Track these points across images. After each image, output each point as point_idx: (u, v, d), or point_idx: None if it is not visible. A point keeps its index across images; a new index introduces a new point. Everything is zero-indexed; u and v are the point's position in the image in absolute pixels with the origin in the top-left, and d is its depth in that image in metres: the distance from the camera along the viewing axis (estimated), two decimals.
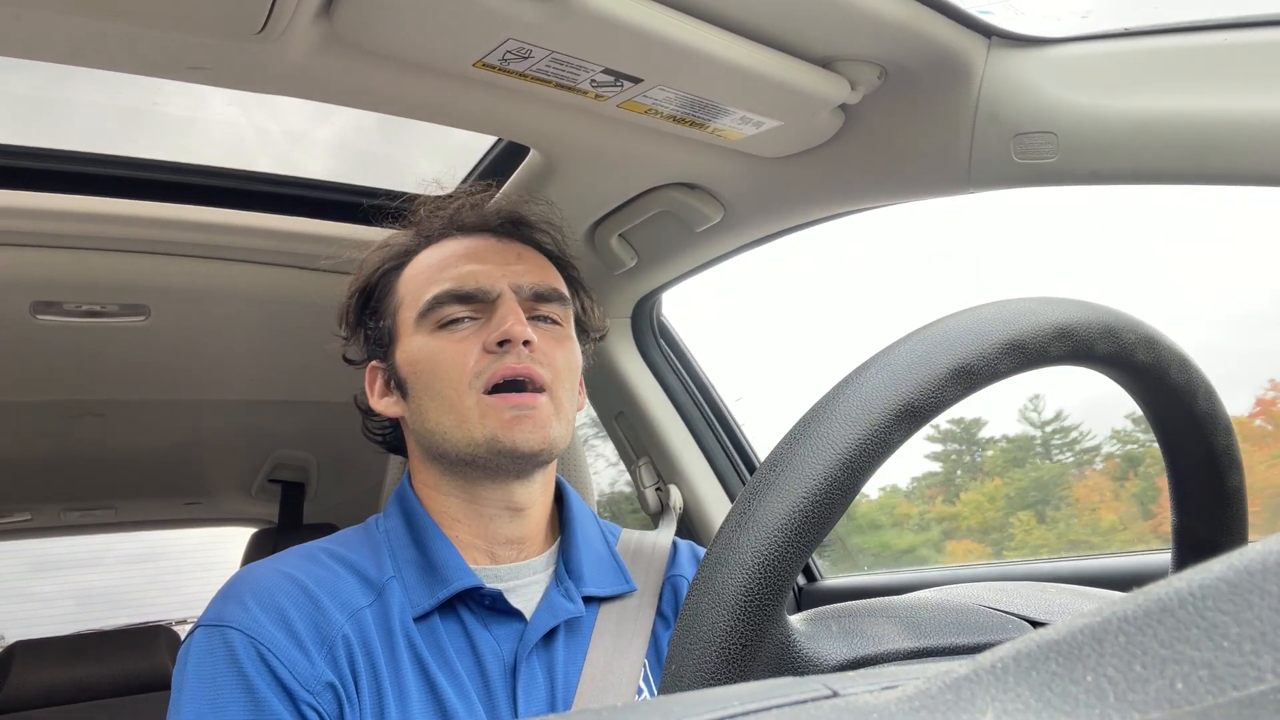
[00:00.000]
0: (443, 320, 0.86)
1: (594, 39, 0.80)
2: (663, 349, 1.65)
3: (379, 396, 0.91)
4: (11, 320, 1.36)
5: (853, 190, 1.13)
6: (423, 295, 0.87)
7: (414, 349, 0.87)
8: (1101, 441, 2.31)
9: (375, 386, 0.92)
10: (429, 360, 0.85)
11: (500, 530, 0.86)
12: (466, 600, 0.82)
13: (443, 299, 0.86)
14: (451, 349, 0.84)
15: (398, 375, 0.88)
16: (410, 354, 0.87)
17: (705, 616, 0.36)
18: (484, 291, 0.87)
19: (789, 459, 0.38)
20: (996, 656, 0.22)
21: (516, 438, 0.81)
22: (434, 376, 0.84)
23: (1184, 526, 0.51)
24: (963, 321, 0.41)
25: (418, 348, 0.86)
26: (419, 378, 0.86)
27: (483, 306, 0.87)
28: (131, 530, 2.96)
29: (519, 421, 0.81)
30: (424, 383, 0.85)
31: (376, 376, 0.92)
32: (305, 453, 2.35)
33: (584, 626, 0.85)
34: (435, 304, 0.86)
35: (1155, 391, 0.47)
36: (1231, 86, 0.79)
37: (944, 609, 0.47)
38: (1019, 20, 0.91)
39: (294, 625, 0.74)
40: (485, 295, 0.87)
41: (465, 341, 0.85)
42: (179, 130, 1.28)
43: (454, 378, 0.83)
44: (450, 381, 0.83)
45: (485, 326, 0.85)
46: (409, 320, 0.88)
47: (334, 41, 0.82)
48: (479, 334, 0.85)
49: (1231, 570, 0.19)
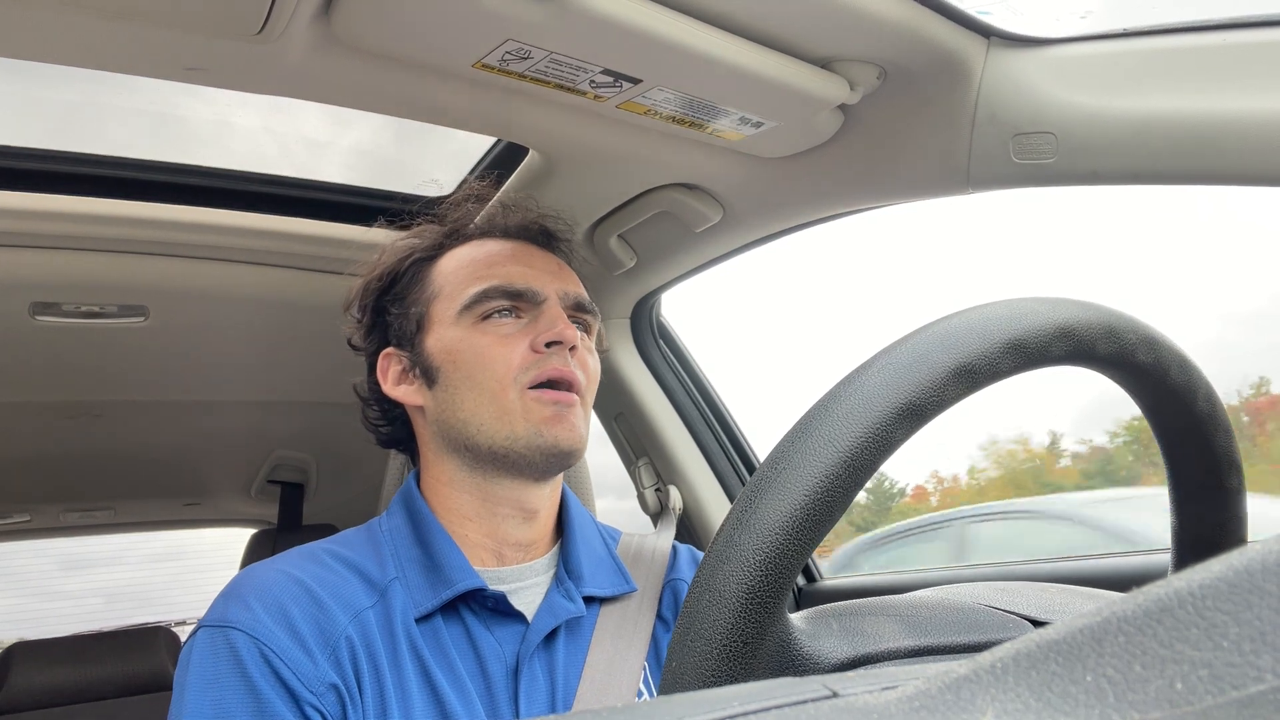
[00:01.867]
0: (487, 314, 0.87)
1: (593, 40, 0.80)
2: (662, 349, 1.65)
3: (394, 383, 0.91)
4: (11, 321, 1.36)
5: (852, 190, 1.13)
6: (467, 288, 0.88)
7: (452, 339, 0.87)
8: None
9: (390, 373, 0.91)
10: (472, 352, 0.85)
11: (511, 532, 0.87)
12: (469, 601, 0.82)
13: (491, 294, 0.87)
14: (498, 343, 0.85)
15: (427, 363, 0.88)
16: (447, 344, 0.87)
17: (706, 614, 0.36)
18: (534, 293, 0.88)
19: (790, 457, 0.38)
20: (996, 656, 0.22)
21: (559, 435, 0.83)
22: (476, 367, 0.85)
23: (1184, 527, 0.51)
24: (964, 321, 0.41)
25: (457, 338, 0.87)
26: (458, 368, 0.86)
27: (527, 308, 0.88)
28: (131, 530, 2.96)
29: (559, 419, 0.83)
30: (464, 373, 0.85)
31: (391, 363, 0.92)
32: (305, 453, 2.35)
33: (585, 628, 0.85)
34: (483, 297, 0.87)
35: (1155, 392, 0.47)
36: (1231, 86, 0.79)
37: (944, 608, 0.47)
38: (1018, 20, 0.91)
39: (297, 626, 0.74)
40: (535, 297, 0.88)
41: (511, 338, 0.86)
42: (179, 131, 1.28)
43: (499, 372, 0.84)
44: (495, 374, 0.84)
45: (531, 326, 0.87)
46: (448, 311, 0.88)
47: (333, 42, 0.82)
48: (525, 333, 0.86)
49: (1231, 570, 0.19)
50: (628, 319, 1.60)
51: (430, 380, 0.88)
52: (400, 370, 0.91)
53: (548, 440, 0.83)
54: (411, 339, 0.90)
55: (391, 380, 0.91)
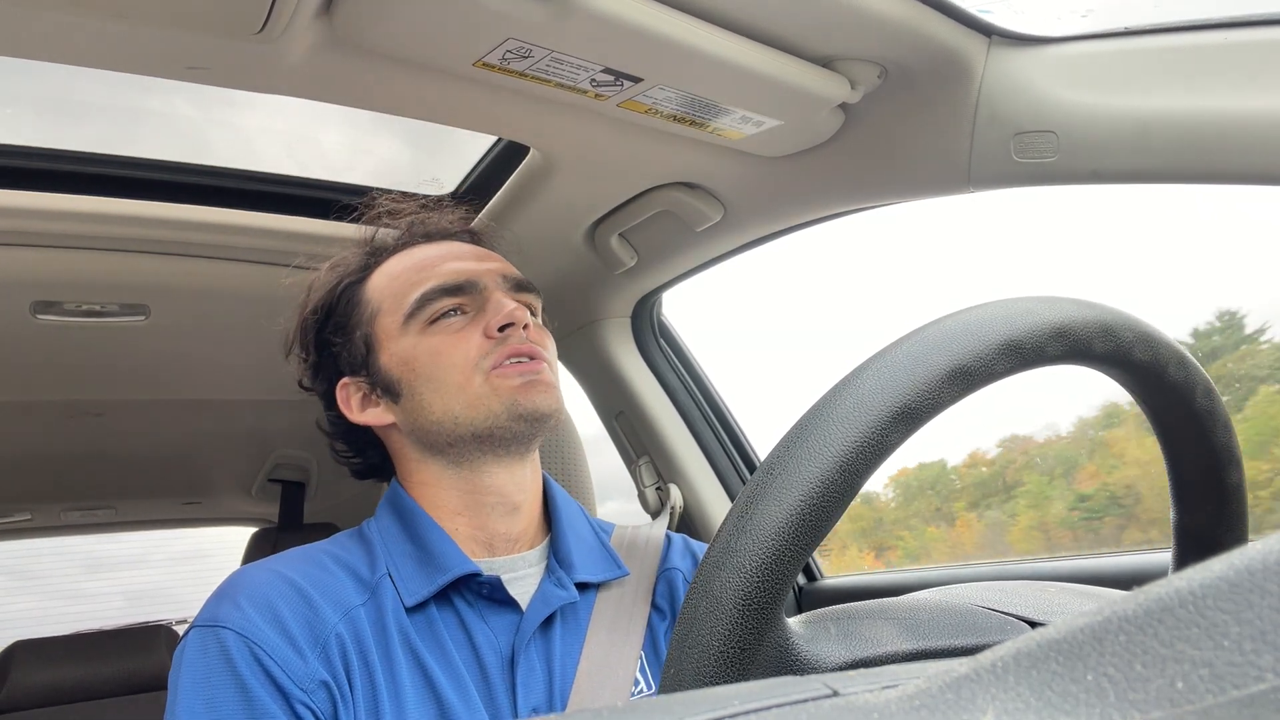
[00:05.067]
0: (433, 316, 0.87)
1: (594, 39, 0.80)
2: (663, 349, 1.65)
3: (360, 410, 0.90)
4: (11, 320, 1.36)
5: (852, 190, 1.13)
6: (407, 296, 0.88)
7: (404, 349, 0.87)
8: None
9: (352, 402, 0.91)
10: (428, 355, 0.85)
11: (499, 524, 0.87)
12: (463, 590, 0.82)
13: (432, 295, 0.87)
14: (451, 341, 0.85)
15: (387, 380, 0.88)
16: (401, 355, 0.87)
17: (704, 620, 0.36)
18: (473, 284, 0.88)
19: (786, 461, 0.38)
20: (997, 655, 0.22)
21: (535, 399, 0.83)
22: (436, 369, 0.85)
23: (1184, 525, 0.51)
24: (959, 322, 0.41)
25: (409, 347, 0.87)
26: (417, 374, 0.86)
27: (471, 300, 0.88)
28: (131, 530, 2.96)
29: (533, 385, 0.84)
30: (424, 377, 0.85)
31: (350, 392, 0.91)
32: (305, 452, 2.35)
33: (580, 617, 0.86)
34: (425, 301, 0.87)
35: (1154, 389, 0.47)
36: (1231, 86, 0.79)
37: (942, 610, 0.47)
38: (1019, 19, 0.91)
39: (287, 624, 0.74)
40: (474, 287, 0.88)
41: (463, 332, 0.86)
42: (179, 130, 1.28)
43: (459, 365, 0.84)
44: (456, 369, 0.84)
45: (479, 317, 0.87)
46: (393, 324, 0.88)
47: (334, 41, 0.82)
48: (475, 324, 0.86)
49: (1232, 569, 0.19)
50: (628, 318, 1.60)
51: (394, 396, 0.87)
52: (362, 396, 0.90)
53: (526, 407, 0.83)
54: (364, 362, 0.90)
55: (356, 408, 0.90)
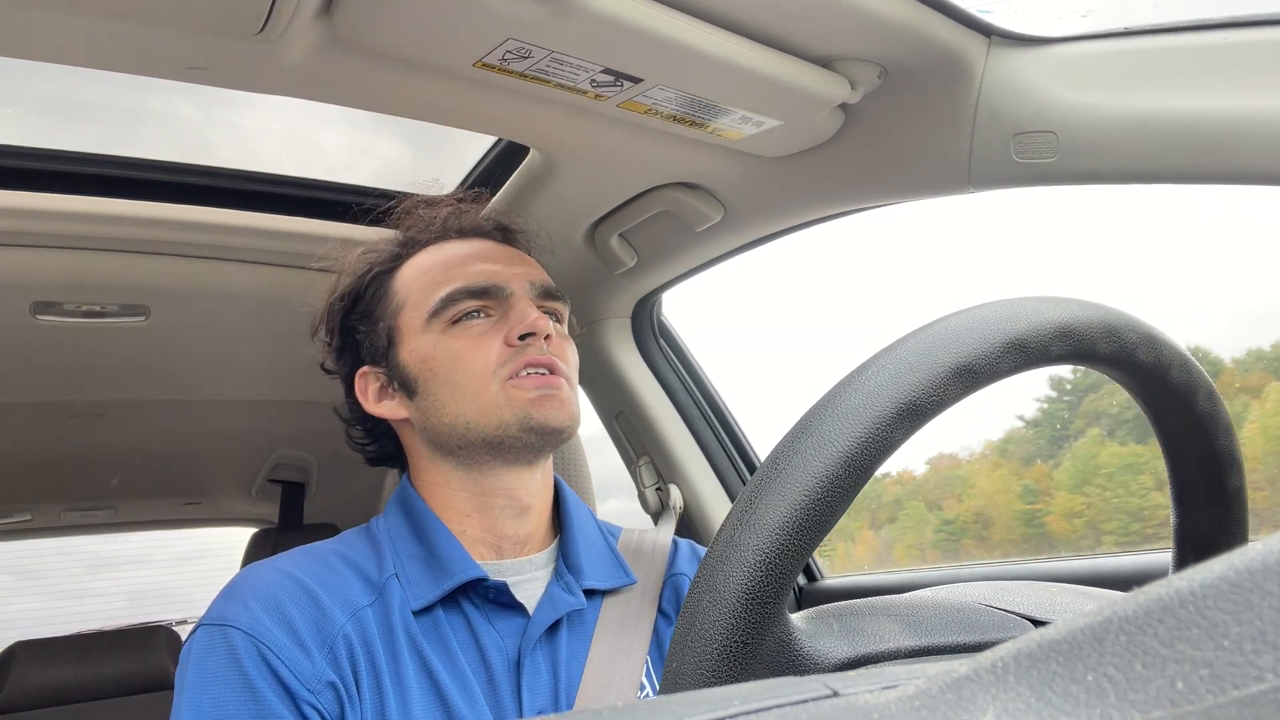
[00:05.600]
0: (456, 317, 0.86)
1: (594, 39, 0.80)
2: (663, 349, 1.65)
3: (376, 401, 0.90)
4: (11, 320, 1.36)
5: (853, 190, 1.13)
6: (432, 294, 0.87)
7: (424, 347, 0.87)
8: None
9: (369, 392, 0.91)
10: (447, 357, 0.85)
11: (507, 526, 0.87)
12: (470, 594, 0.82)
13: (456, 296, 0.86)
14: (471, 344, 0.85)
15: (404, 375, 0.88)
16: (421, 352, 0.87)
17: (707, 614, 0.36)
18: (499, 288, 0.88)
19: (790, 457, 0.38)
20: (997, 656, 0.22)
21: (548, 413, 0.83)
22: (453, 371, 0.84)
23: (1185, 526, 0.51)
24: (965, 320, 0.41)
25: (429, 345, 0.86)
26: (434, 374, 0.85)
27: (495, 304, 0.88)
28: (131, 531, 2.96)
29: (546, 400, 0.83)
30: (441, 378, 0.85)
31: (368, 382, 0.91)
32: (305, 453, 2.35)
33: (587, 622, 0.86)
34: (449, 301, 0.86)
35: (1156, 391, 0.47)
36: (1231, 86, 0.79)
37: (945, 607, 0.47)
38: (1019, 20, 0.91)
39: (295, 624, 0.74)
40: (500, 292, 0.88)
41: (484, 337, 0.85)
42: (179, 130, 1.28)
43: (476, 371, 0.84)
44: (473, 374, 0.84)
45: (502, 322, 0.86)
46: (416, 320, 0.88)
47: (334, 41, 0.82)
48: (497, 329, 0.86)
49: (1232, 570, 0.19)
50: (628, 318, 1.60)
51: (410, 392, 0.87)
52: (379, 387, 0.90)
53: (537, 420, 0.82)
54: (384, 354, 0.90)
55: (372, 398, 0.91)
